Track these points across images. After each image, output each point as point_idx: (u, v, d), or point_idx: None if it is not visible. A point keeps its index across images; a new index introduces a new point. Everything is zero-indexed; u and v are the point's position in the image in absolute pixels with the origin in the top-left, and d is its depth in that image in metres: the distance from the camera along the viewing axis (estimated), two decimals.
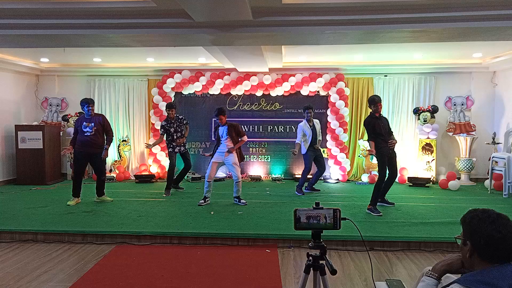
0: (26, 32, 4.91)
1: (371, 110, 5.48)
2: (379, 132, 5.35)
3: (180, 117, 6.98)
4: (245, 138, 6.04)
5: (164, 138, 6.95)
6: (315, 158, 6.84)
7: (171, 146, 6.88)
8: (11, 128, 8.02)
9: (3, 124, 8.04)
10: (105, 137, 6.03)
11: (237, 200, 5.97)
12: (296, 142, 6.76)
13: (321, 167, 6.90)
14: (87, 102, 5.91)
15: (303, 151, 6.74)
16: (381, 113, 5.51)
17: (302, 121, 6.86)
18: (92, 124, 5.88)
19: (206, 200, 5.96)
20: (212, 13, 4.26)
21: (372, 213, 5.29)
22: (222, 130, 5.93)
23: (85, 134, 5.83)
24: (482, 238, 1.52)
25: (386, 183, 5.55)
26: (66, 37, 5.06)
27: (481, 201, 6.25)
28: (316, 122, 6.91)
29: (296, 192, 6.82)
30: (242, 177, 6.58)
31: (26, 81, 8.71)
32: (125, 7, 4.42)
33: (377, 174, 5.61)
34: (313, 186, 7.11)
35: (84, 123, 5.87)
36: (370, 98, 5.54)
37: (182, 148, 7.00)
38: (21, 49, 6.95)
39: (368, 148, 6.07)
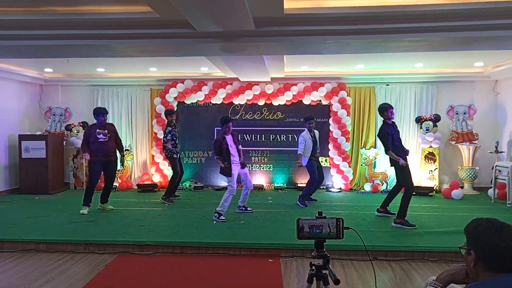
0: (31, 43, 4.95)
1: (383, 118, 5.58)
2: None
3: (176, 125, 7.23)
4: (240, 147, 6.03)
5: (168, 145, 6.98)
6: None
7: (175, 152, 6.99)
8: (14, 137, 8.05)
9: (7, 133, 8.08)
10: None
11: (244, 208, 6.02)
12: (299, 153, 6.61)
13: (320, 177, 6.86)
14: (101, 112, 6.06)
15: (305, 161, 6.63)
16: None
17: (303, 130, 6.83)
18: (106, 131, 6.05)
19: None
20: (215, 24, 4.30)
21: (404, 227, 5.07)
22: (229, 140, 5.80)
23: (99, 140, 5.95)
24: (486, 247, 1.51)
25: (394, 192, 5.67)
26: (70, 47, 5.10)
27: (485, 210, 6.21)
28: (316, 132, 6.90)
29: (297, 203, 6.63)
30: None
31: (30, 91, 8.77)
32: (128, 17, 4.46)
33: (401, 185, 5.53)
34: (311, 196, 7.02)
35: (98, 130, 5.99)
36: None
37: (179, 154, 7.19)
38: (25, 59, 7.01)
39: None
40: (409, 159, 5.62)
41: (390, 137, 5.34)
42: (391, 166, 5.51)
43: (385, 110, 5.46)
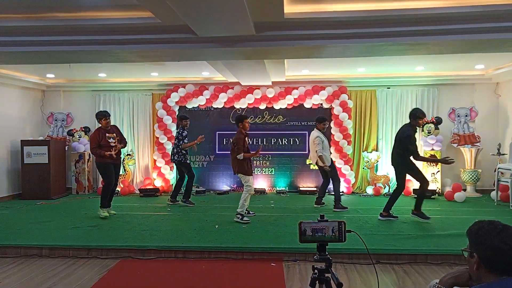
0: (33, 49, 4.99)
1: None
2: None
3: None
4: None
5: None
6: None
7: (186, 155, 7.11)
8: (17, 143, 8.08)
9: (9, 139, 8.10)
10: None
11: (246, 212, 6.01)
12: (319, 154, 6.38)
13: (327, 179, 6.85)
14: (104, 115, 6.02)
15: (329, 163, 6.53)
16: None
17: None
18: (114, 134, 6.08)
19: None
20: (215, 29, 4.32)
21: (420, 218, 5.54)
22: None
23: (110, 144, 5.98)
24: (488, 250, 1.51)
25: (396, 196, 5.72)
26: (73, 53, 5.13)
27: (488, 213, 6.19)
28: None
29: (335, 209, 6.40)
30: None
31: (32, 96, 8.81)
32: (130, 23, 4.50)
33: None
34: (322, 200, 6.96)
35: (107, 134, 6.00)
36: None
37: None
38: (27, 65, 7.05)
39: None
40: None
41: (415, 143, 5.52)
42: (397, 170, 5.67)
43: (419, 119, 5.50)
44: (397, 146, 5.64)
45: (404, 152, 5.52)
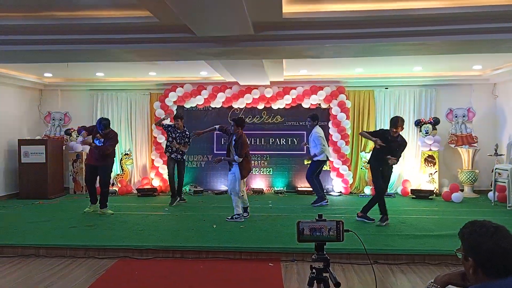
0: (31, 48, 4.97)
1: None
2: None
3: (187, 132, 7.25)
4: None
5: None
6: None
7: (167, 153, 7.21)
8: (14, 142, 8.04)
9: (6, 138, 8.07)
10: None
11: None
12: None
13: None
14: (102, 127, 6.01)
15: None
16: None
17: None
18: (103, 139, 6.11)
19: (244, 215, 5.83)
20: (214, 28, 4.31)
21: (365, 220, 5.58)
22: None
23: (91, 146, 6.05)
24: (483, 254, 1.48)
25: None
26: (70, 52, 5.11)
27: (485, 213, 6.21)
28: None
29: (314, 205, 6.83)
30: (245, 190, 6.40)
31: (29, 95, 8.78)
32: (128, 22, 4.48)
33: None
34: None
35: (97, 135, 6.08)
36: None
37: (179, 156, 7.17)
38: (25, 64, 7.02)
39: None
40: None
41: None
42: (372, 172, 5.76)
43: (395, 127, 5.42)
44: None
45: (377, 152, 5.49)
